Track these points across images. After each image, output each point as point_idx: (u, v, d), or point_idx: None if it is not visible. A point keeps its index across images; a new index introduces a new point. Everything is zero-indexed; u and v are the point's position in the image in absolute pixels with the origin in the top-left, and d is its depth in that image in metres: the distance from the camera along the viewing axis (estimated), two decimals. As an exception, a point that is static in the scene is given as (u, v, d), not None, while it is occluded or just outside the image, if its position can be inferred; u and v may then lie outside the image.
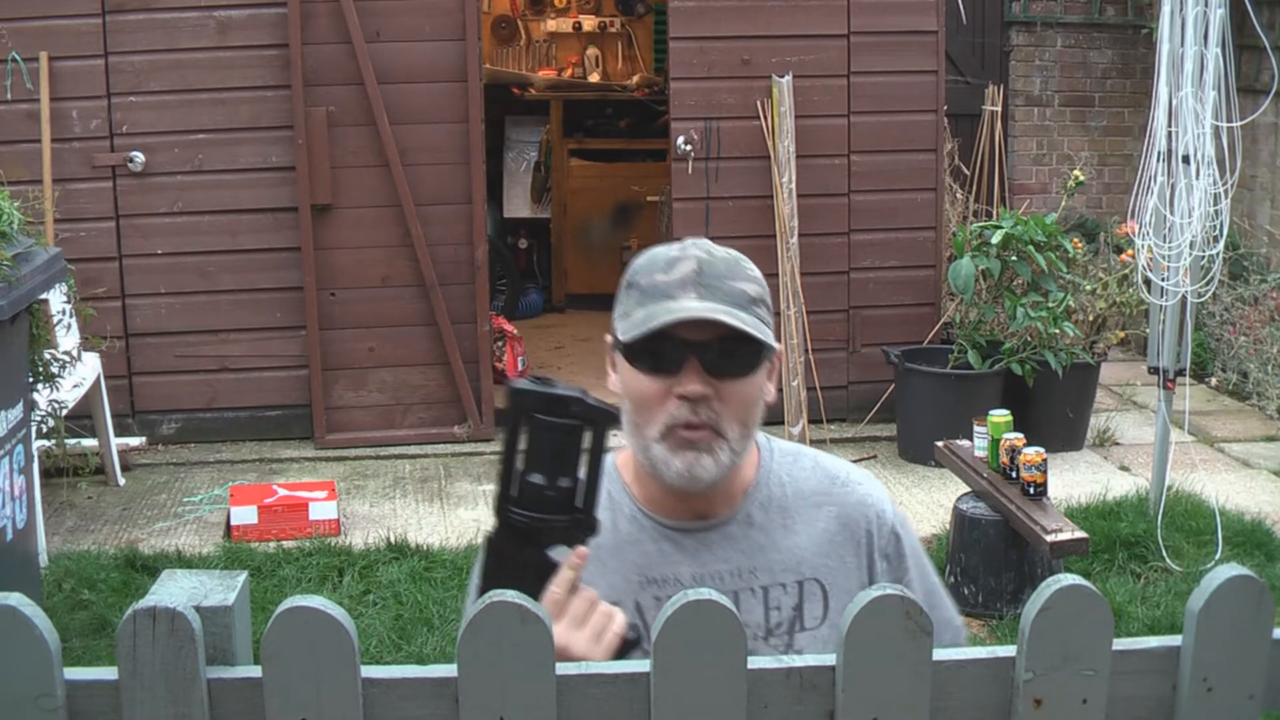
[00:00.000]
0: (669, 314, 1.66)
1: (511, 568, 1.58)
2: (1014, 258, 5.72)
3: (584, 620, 1.60)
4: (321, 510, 4.86)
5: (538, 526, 1.57)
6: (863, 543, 1.84)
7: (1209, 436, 6.08)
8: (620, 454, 1.84)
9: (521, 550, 1.59)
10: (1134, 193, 4.56)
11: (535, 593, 1.54)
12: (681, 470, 1.70)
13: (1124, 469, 5.63)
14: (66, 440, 4.95)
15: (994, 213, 6.64)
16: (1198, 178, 4.38)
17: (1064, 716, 1.60)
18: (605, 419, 1.57)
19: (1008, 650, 1.62)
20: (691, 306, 1.67)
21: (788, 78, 5.88)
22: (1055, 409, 5.71)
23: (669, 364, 1.68)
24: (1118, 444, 5.94)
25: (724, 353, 1.69)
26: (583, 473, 1.58)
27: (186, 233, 5.68)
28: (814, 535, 1.82)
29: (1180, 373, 4.66)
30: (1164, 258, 4.54)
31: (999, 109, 7.00)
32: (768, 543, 1.80)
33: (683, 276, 1.71)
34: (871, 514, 1.86)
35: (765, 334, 1.71)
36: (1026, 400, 5.57)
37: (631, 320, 1.70)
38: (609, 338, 1.78)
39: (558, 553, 1.58)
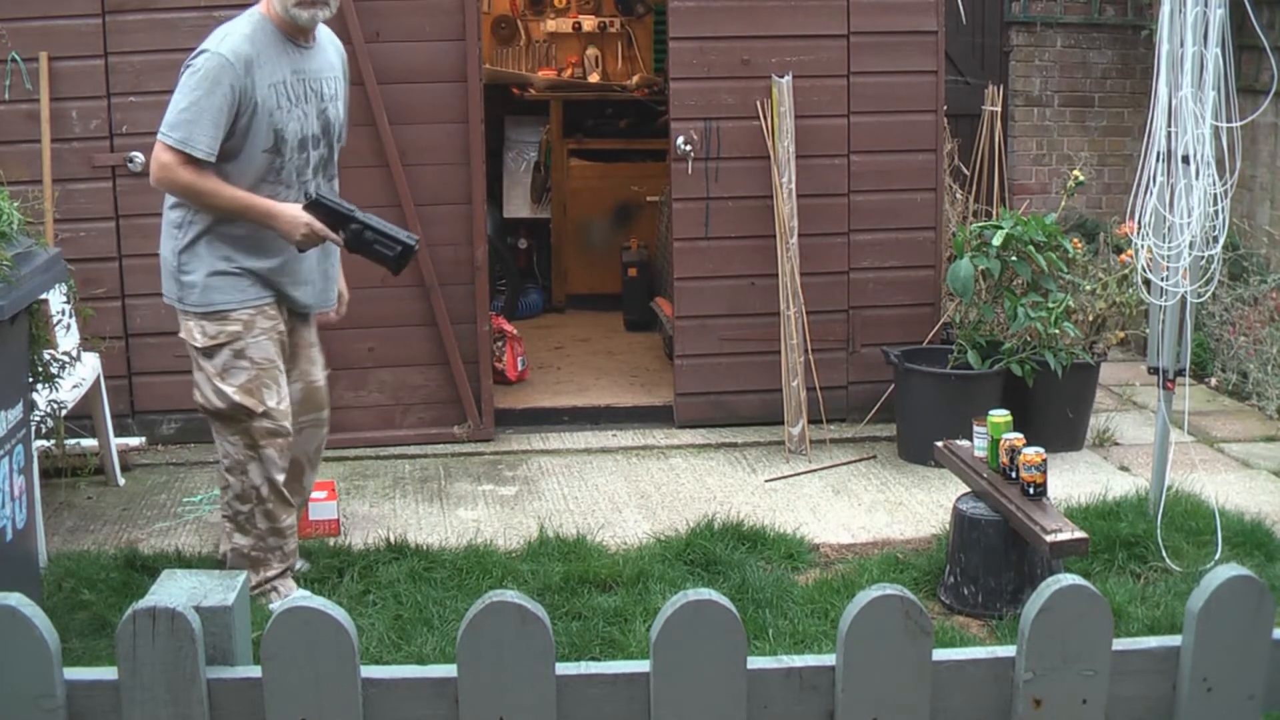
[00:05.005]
0: None
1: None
2: (1014, 258, 5.72)
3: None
4: (321, 510, 4.86)
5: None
6: (344, 58, 4.42)
7: (1209, 436, 6.08)
8: (264, 10, 4.07)
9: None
10: (1133, 193, 4.56)
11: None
12: (308, 16, 4.05)
13: (1124, 469, 5.63)
14: (66, 440, 4.95)
15: (994, 213, 6.64)
16: (1197, 178, 4.38)
17: (1064, 716, 1.60)
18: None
19: (1008, 650, 1.62)
20: None
21: (788, 78, 5.88)
22: (1055, 409, 5.71)
23: None
24: (1117, 444, 5.95)
25: None
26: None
27: (186, 233, 5.67)
28: (330, 55, 4.30)
29: (1180, 373, 4.66)
30: (1163, 258, 4.54)
31: (999, 109, 6.99)
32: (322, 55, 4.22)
33: None
34: (342, 47, 4.44)
35: None
36: (1026, 400, 5.57)
37: None
38: None
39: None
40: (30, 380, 4.15)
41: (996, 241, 5.63)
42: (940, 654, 1.62)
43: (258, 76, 3.99)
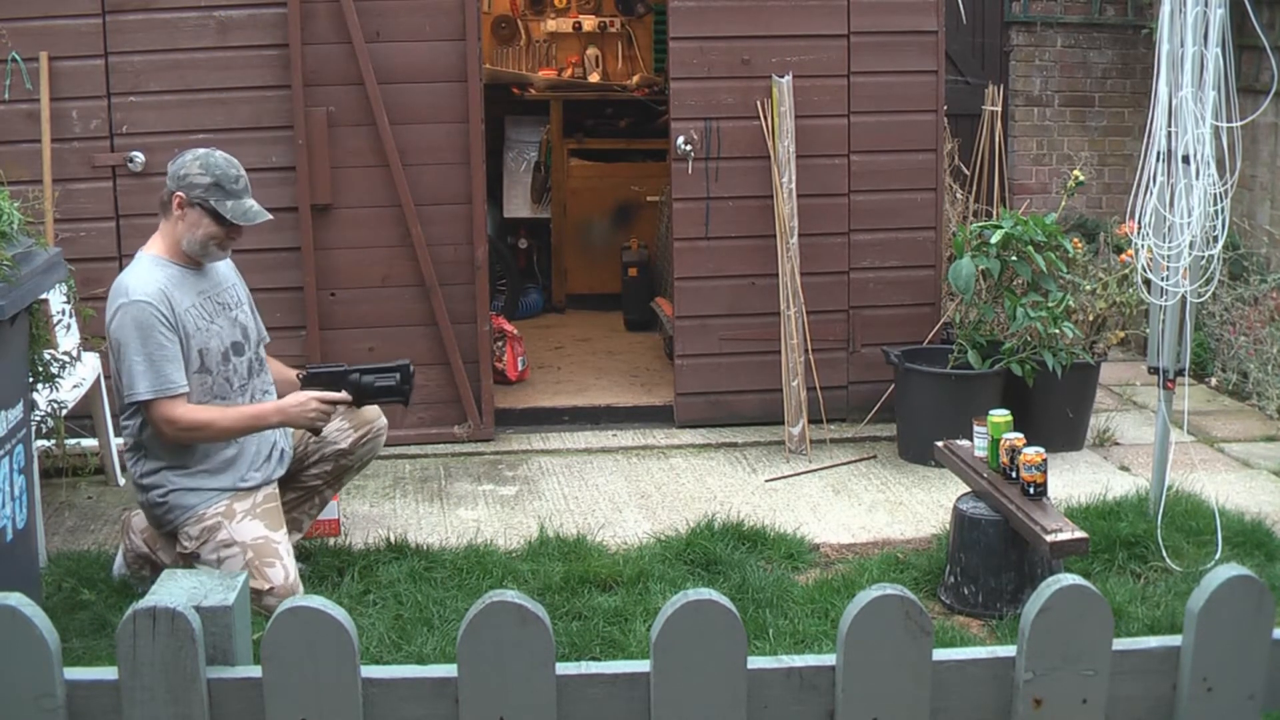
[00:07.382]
0: (259, 214, 4.19)
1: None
2: (1014, 258, 5.72)
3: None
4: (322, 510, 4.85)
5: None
6: (234, 267, 4.44)
7: (1209, 436, 6.08)
8: (155, 253, 4.20)
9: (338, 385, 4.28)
10: (1133, 193, 4.56)
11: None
12: (228, 254, 4.28)
13: (1124, 469, 5.63)
14: (66, 440, 4.95)
15: (994, 213, 6.64)
16: (1197, 178, 4.38)
17: (1064, 716, 1.60)
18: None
19: (1008, 650, 1.62)
20: (260, 210, 4.21)
21: (788, 78, 5.88)
22: (1055, 409, 5.71)
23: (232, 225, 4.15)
24: (1118, 444, 5.94)
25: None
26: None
27: (186, 233, 5.67)
28: (222, 269, 4.33)
29: (1180, 373, 4.66)
30: (1164, 258, 4.54)
31: (999, 109, 7.00)
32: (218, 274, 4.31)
33: (245, 186, 4.18)
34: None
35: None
36: (1026, 400, 5.57)
37: (234, 209, 4.13)
38: (181, 195, 4.15)
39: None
40: (30, 380, 4.15)
41: (996, 241, 5.63)
42: (940, 654, 1.62)
43: (176, 306, 4.09)
